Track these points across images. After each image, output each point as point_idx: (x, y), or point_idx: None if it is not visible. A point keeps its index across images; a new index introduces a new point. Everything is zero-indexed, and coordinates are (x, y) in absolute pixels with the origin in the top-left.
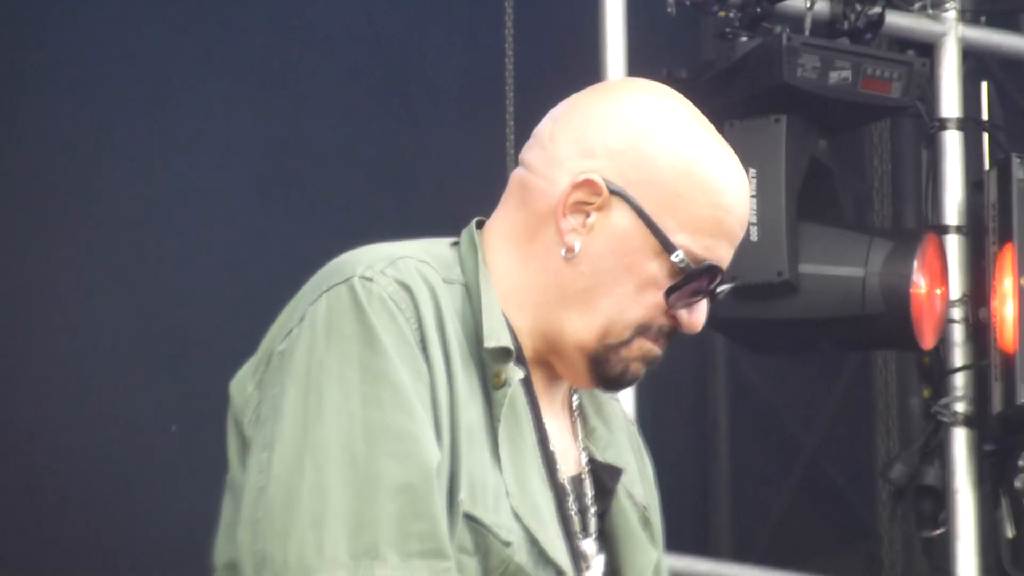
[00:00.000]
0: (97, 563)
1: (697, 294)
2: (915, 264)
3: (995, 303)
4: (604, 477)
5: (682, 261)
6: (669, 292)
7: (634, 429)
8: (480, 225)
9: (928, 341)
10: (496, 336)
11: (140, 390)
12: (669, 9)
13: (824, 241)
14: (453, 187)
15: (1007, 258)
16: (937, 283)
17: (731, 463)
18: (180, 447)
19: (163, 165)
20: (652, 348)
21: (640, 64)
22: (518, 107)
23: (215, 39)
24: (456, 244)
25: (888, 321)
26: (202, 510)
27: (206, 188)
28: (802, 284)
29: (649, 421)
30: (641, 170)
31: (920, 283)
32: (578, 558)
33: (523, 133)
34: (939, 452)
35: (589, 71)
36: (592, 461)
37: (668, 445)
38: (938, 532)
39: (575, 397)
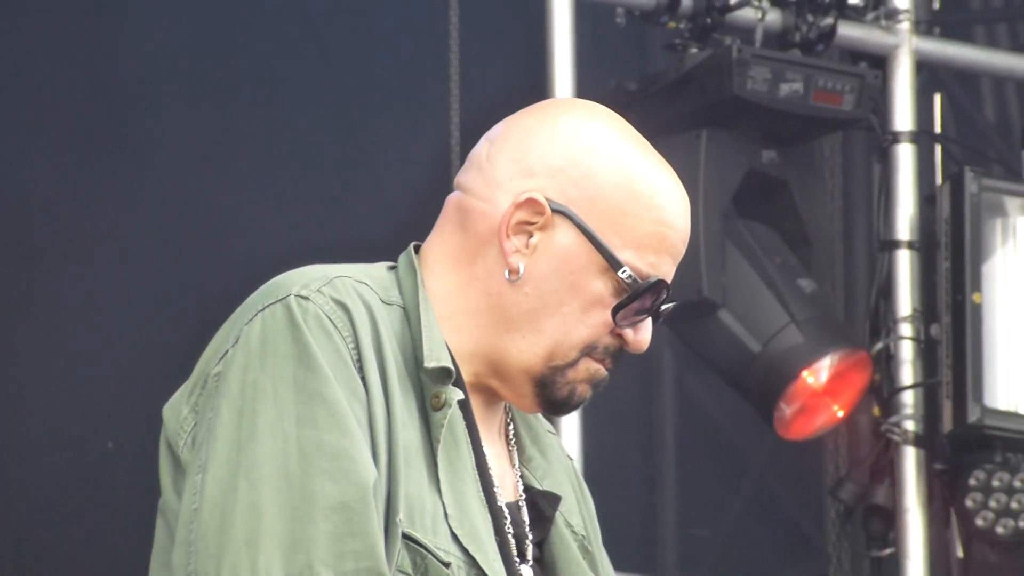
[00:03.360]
0: None
1: (642, 312)
2: (807, 372)
3: None
4: (542, 504)
5: (629, 277)
6: (616, 310)
7: (571, 464)
8: (417, 250)
9: (788, 434)
10: (436, 356)
11: (77, 406)
12: (618, 20)
13: (751, 296)
14: (397, 206)
15: None
16: (839, 400)
17: (678, 481)
18: (117, 464)
19: (99, 181)
20: (598, 368)
21: (588, 75)
22: (464, 120)
23: (155, 44)
24: (393, 268)
25: (757, 400)
26: (138, 529)
27: (141, 203)
28: (711, 323)
29: (595, 439)
30: (583, 188)
31: (808, 386)
32: None
33: (469, 147)
34: (889, 471)
35: (536, 82)
36: (529, 489)
37: (614, 463)
38: (888, 552)
39: (511, 427)
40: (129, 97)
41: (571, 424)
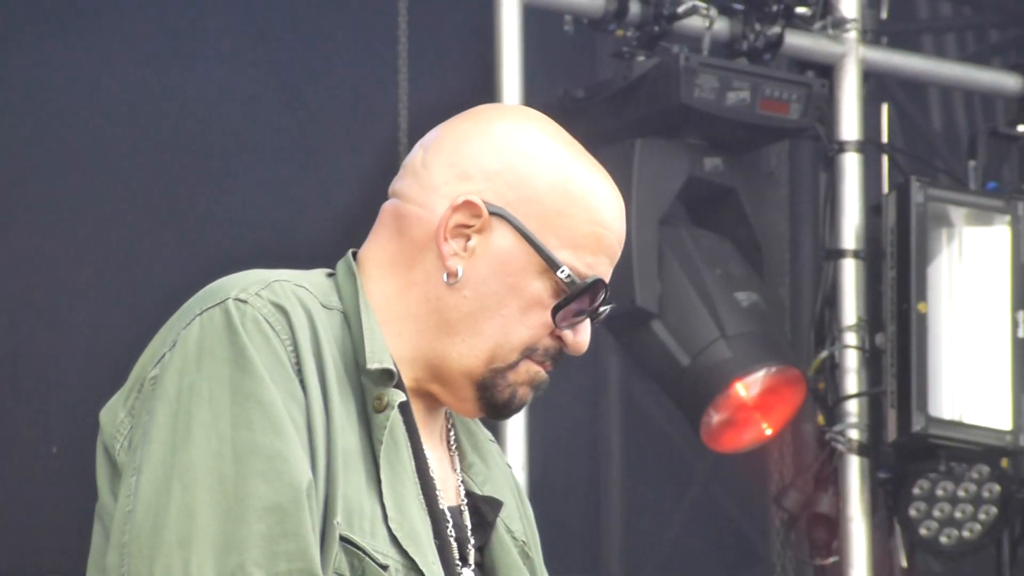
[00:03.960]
0: None
1: (582, 312)
2: (739, 384)
3: None
4: (484, 509)
5: (568, 277)
6: (556, 310)
7: (510, 471)
8: (355, 257)
9: (715, 446)
10: (378, 359)
11: (21, 410)
12: (566, 27)
13: (684, 308)
14: (345, 210)
15: None
16: (769, 417)
17: (623, 489)
18: (61, 468)
19: (38, 185)
20: (539, 371)
21: (536, 81)
22: (412, 125)
23: (96, 55)
24: (332, 275)
25: (687, 412)
26: (83, 533)
27: (83, 207)
28: (645, 333)
29: (541, 445)
30: (519, 189)
31: (740, 398)
32: None
33: None
34: (833, 479)
35: (485, 88)
36: (471, 495)
37: (560, 469)
38: (831, 560)
39: (452, 433)
40: (69, 98)
41: (517, 430)
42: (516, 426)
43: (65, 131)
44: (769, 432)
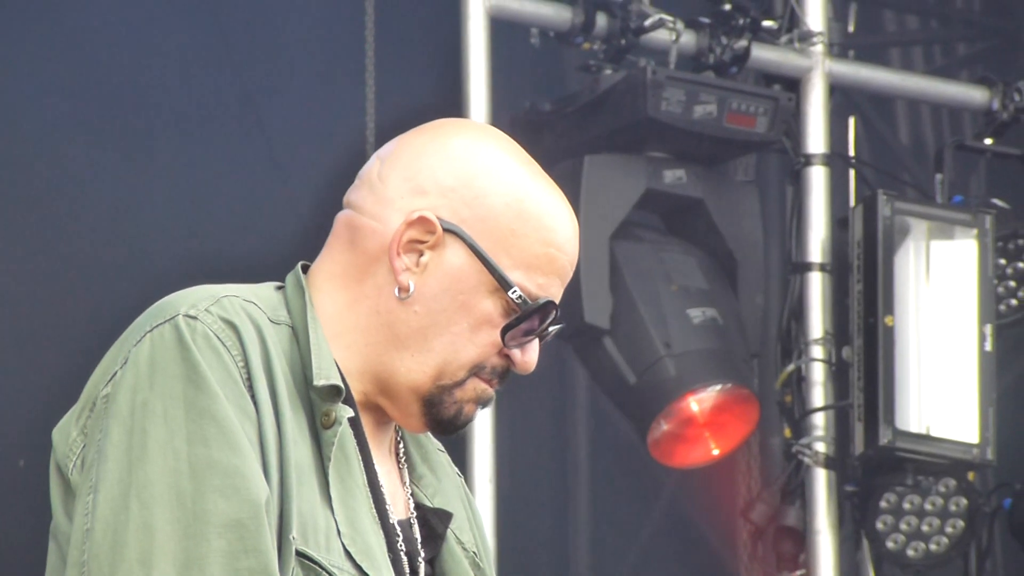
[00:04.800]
0: None
1: (531, 333)
2: (686, 403)
3: None
4: (433, 522)
5: (519, 298)
6: (505, 330)
7: (460, 481)
8: (305, 270)
9: (663, 458)
10: (326, 375)
11: None
12: (533, 40)
13: (634, 325)
14: (310, 220)
15: None
16: (719, 438)
17: (591, 501)
18: (28, 483)
19: (9, 194)
20: (486, 389)
21: (503, 95)
22: (379, 136)
23: (58, 54)
24: (281, 288)
25: (635, 426)
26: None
27: (49, 219)
28: (598, 349)
29: (509, 458)
30: (474, 207)
31: (691, 412)
32: None
33: None
34: (800, 492)
35: (452, 100)
36: (420, 507)
37: (527, 483)
38: (798, 574)
39: (401, 445)
40: (30, 105)
41: (485, 442)
42: (484, 438)
43: (27, 140)
44: (716, 452)
